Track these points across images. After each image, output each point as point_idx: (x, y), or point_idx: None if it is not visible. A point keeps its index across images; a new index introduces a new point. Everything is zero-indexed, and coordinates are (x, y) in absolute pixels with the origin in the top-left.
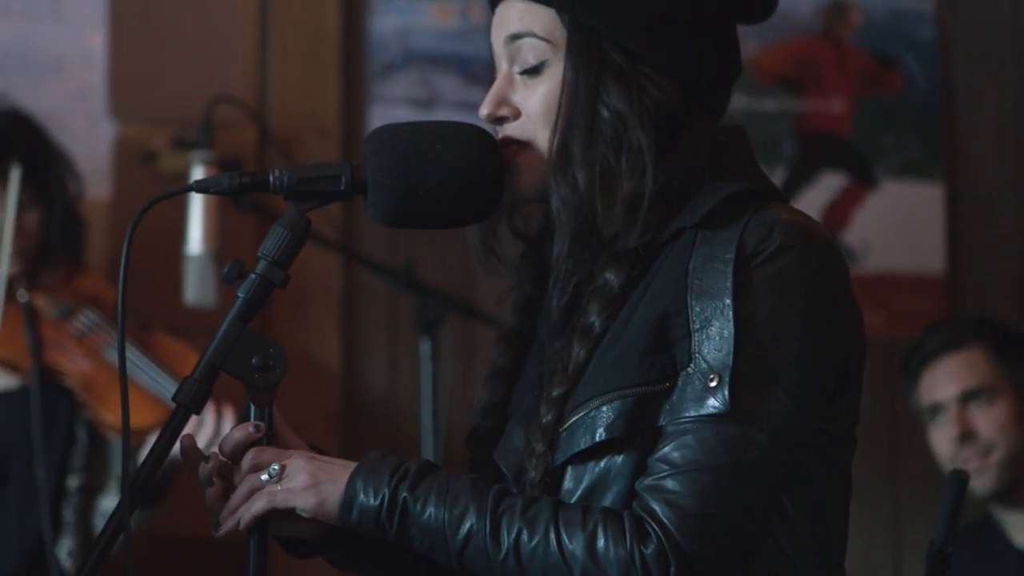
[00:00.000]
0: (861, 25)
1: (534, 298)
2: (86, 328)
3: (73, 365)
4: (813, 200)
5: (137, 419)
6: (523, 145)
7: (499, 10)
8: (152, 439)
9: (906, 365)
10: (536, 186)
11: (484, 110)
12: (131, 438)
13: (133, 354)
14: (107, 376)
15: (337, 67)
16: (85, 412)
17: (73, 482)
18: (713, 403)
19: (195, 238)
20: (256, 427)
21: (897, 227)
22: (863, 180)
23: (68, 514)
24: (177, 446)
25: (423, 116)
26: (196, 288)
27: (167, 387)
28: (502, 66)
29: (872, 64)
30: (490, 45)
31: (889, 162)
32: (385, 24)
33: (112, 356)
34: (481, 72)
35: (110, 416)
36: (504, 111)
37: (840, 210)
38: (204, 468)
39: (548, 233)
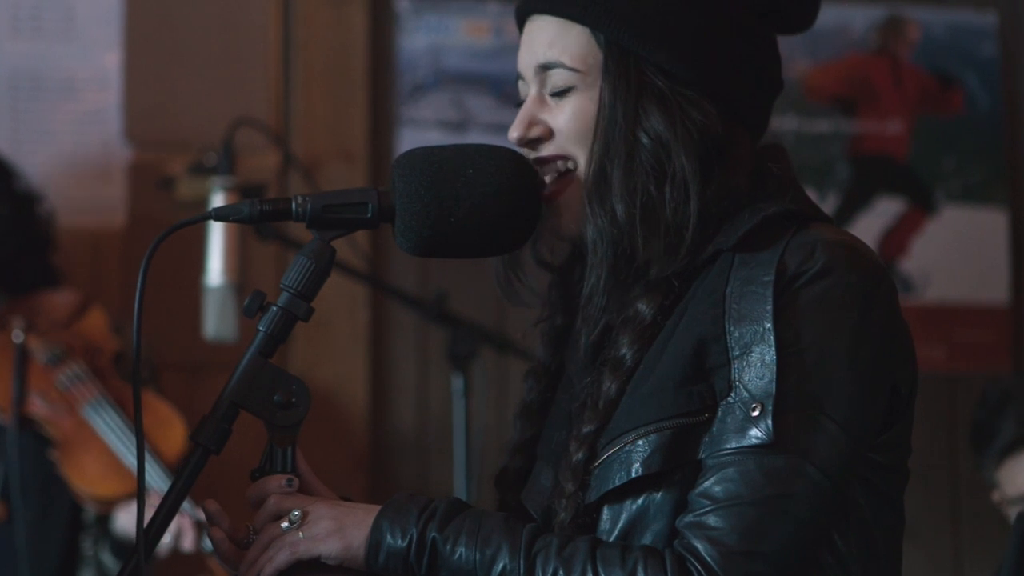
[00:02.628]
0: (919, 41)
1: (564, 330)
2: (69, 381)
3: (52, 417)
4: (869, 226)
5: (104, 488)
6: (565, 177)
7: (528, 28)
8: (122, 508)
9: (980, 447)
10: (578, 224)
11: (514, 133)
12: (98, 507)
13: (113, 419)
14: (81, 435)
15: (364, 88)
16: (56, 470)
17: (89, 515)
18: (756, 433)
19: (214, 269)
20: (289, 481)
21: (958, 255)
22: (922, 206)
23: (87, 547)
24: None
25: (455, 139)
26: (215, 321)
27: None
28: (531, 88)
29: (931, 82)
30: (517, 66)
31: (949, 186)
32: (414, 42)
33: (90, 414)
34: (515, 92)
35: (79, 482)
36: (535, 132)
37: (898, 237)
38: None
39: (575, 261)
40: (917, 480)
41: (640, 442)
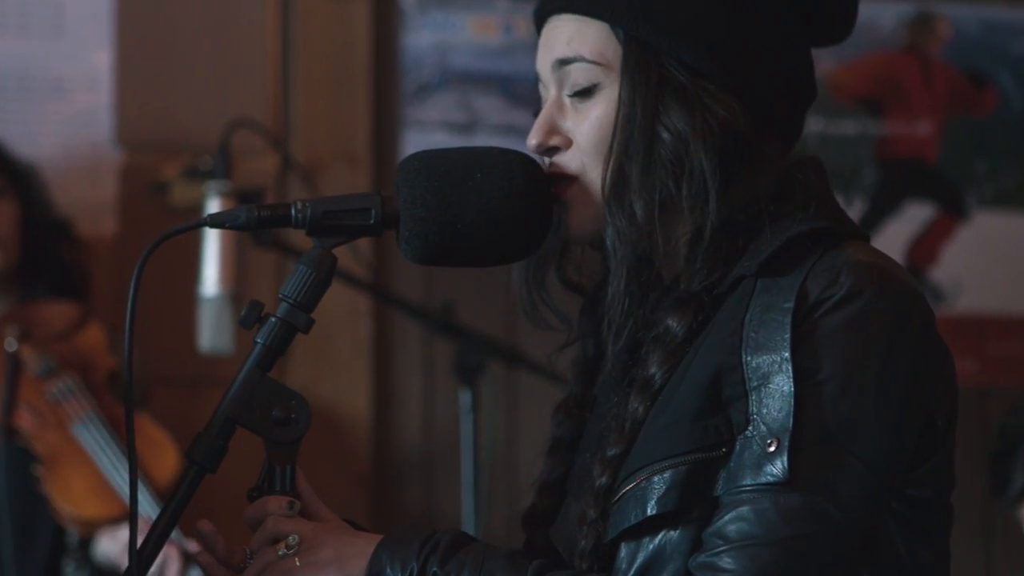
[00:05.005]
0: (950, 39)
1: (596, 361)
2: (61, 395)
3: (40, 430)
4: (897, 233)
5: (88, 509)
6: (572, 179)
7: (546, 29)
8: (105, 532)
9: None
10: (589, 223)
11: (532, 140)
12: (80, 528)
13: (104, 437)
14: (70, 454)
15: (367, 88)
16: (40, 488)
17: (73, 538)
18: (772, 471)
19: (210, 278)
20: (291, 505)
21: (991, 263)
22: (953, 211)
23: (69, 571)
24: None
25: (462, 141)
26: (211, 333)
27: (125, 482)
28: (550, 91)
29: (962, 82)
30: (535, 68)
31: (982, 191)
32: (420, 41)
33: (79, 430)
34: (526, 92)
35: (63, 501)
36: (555, 140)
37: (927, 245)
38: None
39: (605, 286)
40: None
41: (656, 479)
